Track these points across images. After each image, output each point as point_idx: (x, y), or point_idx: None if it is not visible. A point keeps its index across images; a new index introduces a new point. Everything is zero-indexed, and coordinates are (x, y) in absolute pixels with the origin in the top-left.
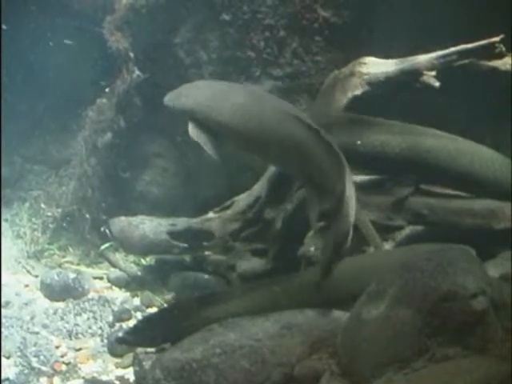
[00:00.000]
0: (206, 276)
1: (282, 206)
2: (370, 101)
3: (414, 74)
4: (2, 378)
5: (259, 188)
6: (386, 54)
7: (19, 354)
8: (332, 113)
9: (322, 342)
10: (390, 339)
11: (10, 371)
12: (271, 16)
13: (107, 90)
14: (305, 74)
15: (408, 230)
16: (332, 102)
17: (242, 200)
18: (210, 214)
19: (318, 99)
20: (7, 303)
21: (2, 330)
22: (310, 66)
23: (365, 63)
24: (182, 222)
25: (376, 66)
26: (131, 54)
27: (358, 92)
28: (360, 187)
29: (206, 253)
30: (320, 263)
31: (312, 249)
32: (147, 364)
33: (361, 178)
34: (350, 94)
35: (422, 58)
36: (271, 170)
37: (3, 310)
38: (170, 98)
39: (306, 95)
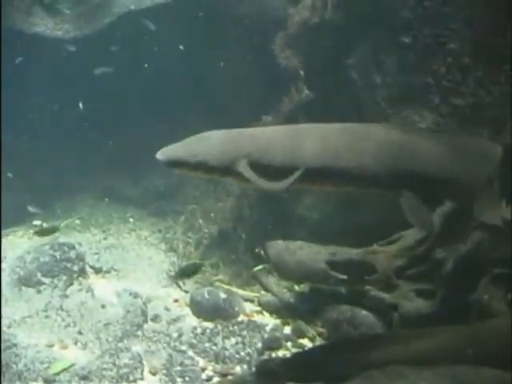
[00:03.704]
0: (364, 312)
1: (455, 246)
2: None
3: None
4: None
5: None
6: None
7: (165, 371)
8: None
9: None
10: None
11: None
12: (455, 40)
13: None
14: (489, 106)
15: None
16: None
17: (411, 235)
18: (375, 247)
19: (506, 135)
20: (156, 317)
21: (150, 344)
22: (495, 97)
23: None
24: (342, 252)
25: None
26: (301, 72)
27: None
28: None
29: (366, 287)
30: None
31: (486, 297)
32: None
33: None
34: None
35: None
36: (446, 205)
37: (152, 324)
38: (183, 154)
39: (488, 129)
